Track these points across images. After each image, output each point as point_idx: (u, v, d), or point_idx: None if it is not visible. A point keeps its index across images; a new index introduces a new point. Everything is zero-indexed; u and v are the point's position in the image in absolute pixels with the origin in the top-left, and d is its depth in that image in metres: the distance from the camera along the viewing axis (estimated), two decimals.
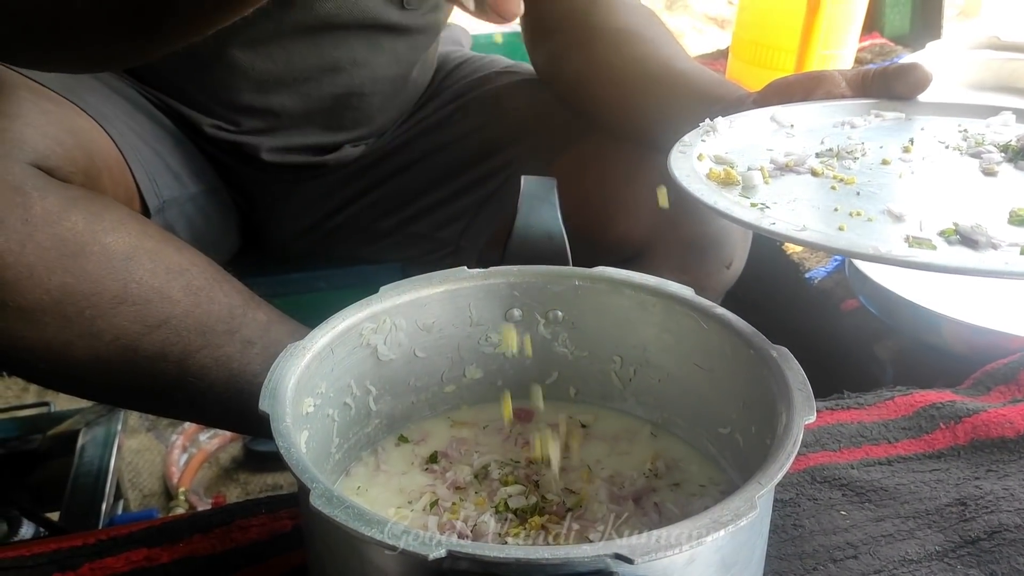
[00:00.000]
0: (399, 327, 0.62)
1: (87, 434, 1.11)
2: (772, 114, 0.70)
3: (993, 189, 0.59)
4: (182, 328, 0.69)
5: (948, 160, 0.63)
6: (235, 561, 0.64)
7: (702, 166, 0.62)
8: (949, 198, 0.58)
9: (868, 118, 0.70)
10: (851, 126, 0.69)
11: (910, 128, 0.69)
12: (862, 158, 0.64)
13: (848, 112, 0.71)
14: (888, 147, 0.65)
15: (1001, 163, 0.62)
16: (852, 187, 0.59)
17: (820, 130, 0.69)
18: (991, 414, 0.76)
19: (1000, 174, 0.61)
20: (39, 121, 0.67)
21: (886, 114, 0.70)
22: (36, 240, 0.63)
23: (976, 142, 0.65)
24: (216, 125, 0.91)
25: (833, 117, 0.70)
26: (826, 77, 0.72)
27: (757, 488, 0.45)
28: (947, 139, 0.67)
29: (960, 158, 0.64)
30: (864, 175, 0.61)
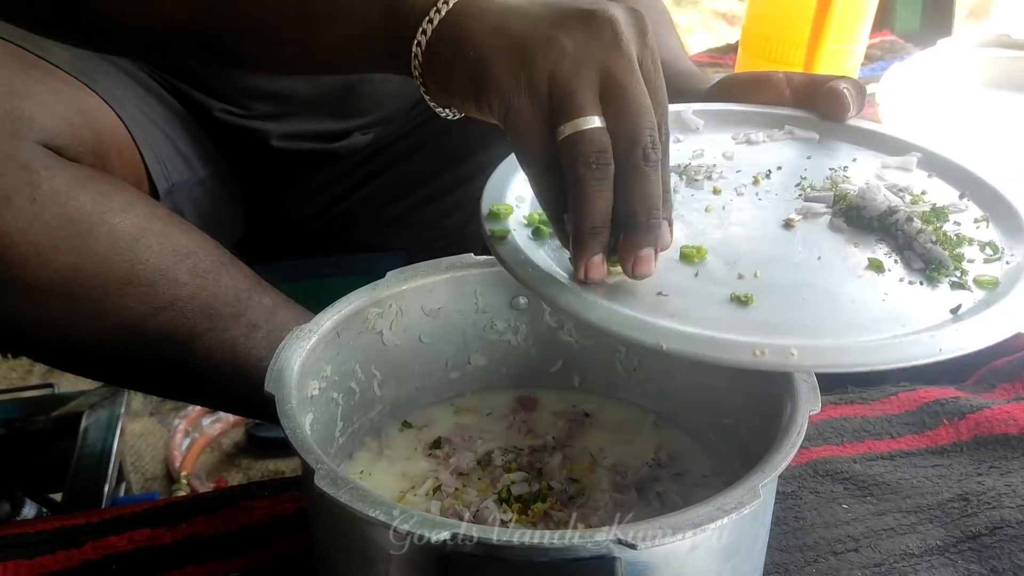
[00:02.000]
0: (405, 312, 0.62)
1: (90, 416, 1.11)
2: (680, 112, 0.66)
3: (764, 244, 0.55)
4: (188, 310, 0.69)
5: (776, 201, 0.59)
6: (238, 543, 0.64)
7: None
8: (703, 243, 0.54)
9: (775, 132, 0.67)
10: (747, 141, 0.66)
11: (798, 153, 0.65)
12: (705, 181, 0.60)
13: (762, 123, 0.67)
14: (744, 173, 0.62)
15: (820, 215, 0.58)
16: None
17: (715, 139, 0.66)
18: (995, 411, 0.76)
19: (797, 228, 0.57)
20: (49, 100, 0.67)
21: (798, 131, 0.67)
22: (44, 219, 0.63)
23: (833, 184, 0.61)
24: (226, 109, 0.91)
25: (742, 126, 0.67)
26: (771, 82, 0.70)
27: (761, 477, 0.45)
28: (812, 175, 0.62)
29: (791, 201, 0.59)
30: (678, 200, 0.58)
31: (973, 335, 0.48)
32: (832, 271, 0.53)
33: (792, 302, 0.50)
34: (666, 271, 0.51)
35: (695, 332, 0.46)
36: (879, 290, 0.51)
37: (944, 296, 0.51)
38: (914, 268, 0.53)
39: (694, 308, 0.48)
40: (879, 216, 0.56)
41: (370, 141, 0.99)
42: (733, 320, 0.48)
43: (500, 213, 0.54)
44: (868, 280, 0.52)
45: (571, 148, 0.47)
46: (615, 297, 0.48)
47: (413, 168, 1.00)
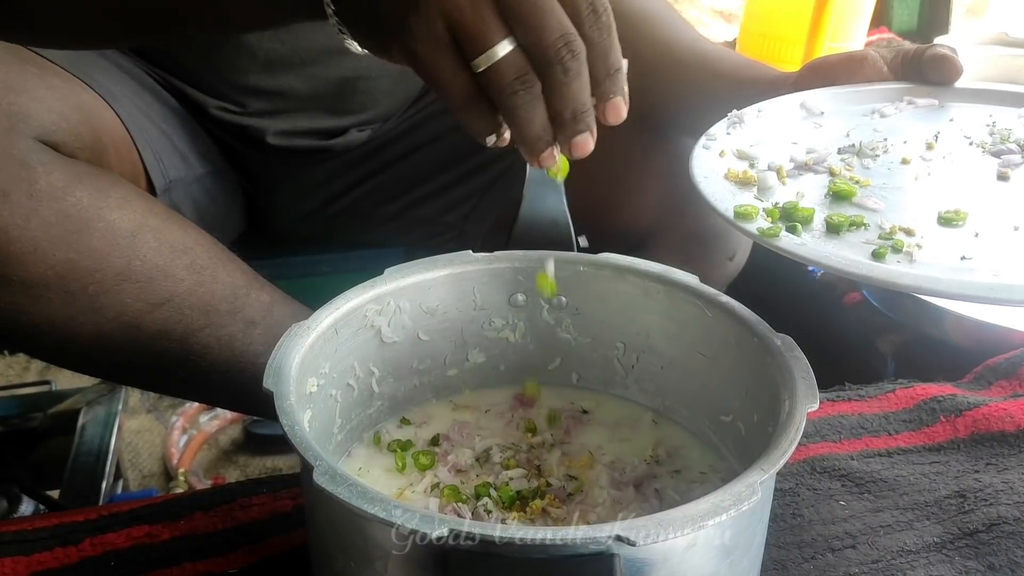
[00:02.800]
0: (403, 309, 0.62)
1: (88, 413, 1.11)
2: (803, 100, 0.69)
3: (1001, 196, 0.59)
4: (185, 307, 0.69)
5: (968, 160, 0.63)
6: (236, 539, 0.64)
7: (723, 163, 0.62)
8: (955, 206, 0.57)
9: (900, 104, 0.70)
10: (880, 115, 0.69)
11: (939, 118, 0.69)
12: (883, 155, 0.63)
13: (881, 98, 0.70)
14: (912, 142, 0.65)
15: (1020, 165, 0.62)
16: (867, 190, 0.59)
17: (849, 118, 0.69)
18: (992, 408, 0.76)
19: (1013, 179, 0.61)
20: (46, 96, 0.67)
21: (918, 100, 0.70)
22: (41, 215, 0.63)
23: (1001, 138, 0.65)
24: (222, 107, 0.90)
25: (864, 103, 0.70)
26: (868, 60, 0.72)
27: (760, 474, 0.45)
28: (973, 133, 0.66)
29: (981, 157, 0.63)
30: (881, 175, 0.61)
31: None
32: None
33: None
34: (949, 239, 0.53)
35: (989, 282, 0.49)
36: None
37: None
38: None
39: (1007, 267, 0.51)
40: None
41: (367, 138, 0.99)
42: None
43: (747, 213, 0.56)
44: None
45: (491, 81, 0.48)
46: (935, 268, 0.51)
47: (411, 165, 1.00)
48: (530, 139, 0.50)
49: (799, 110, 0.69)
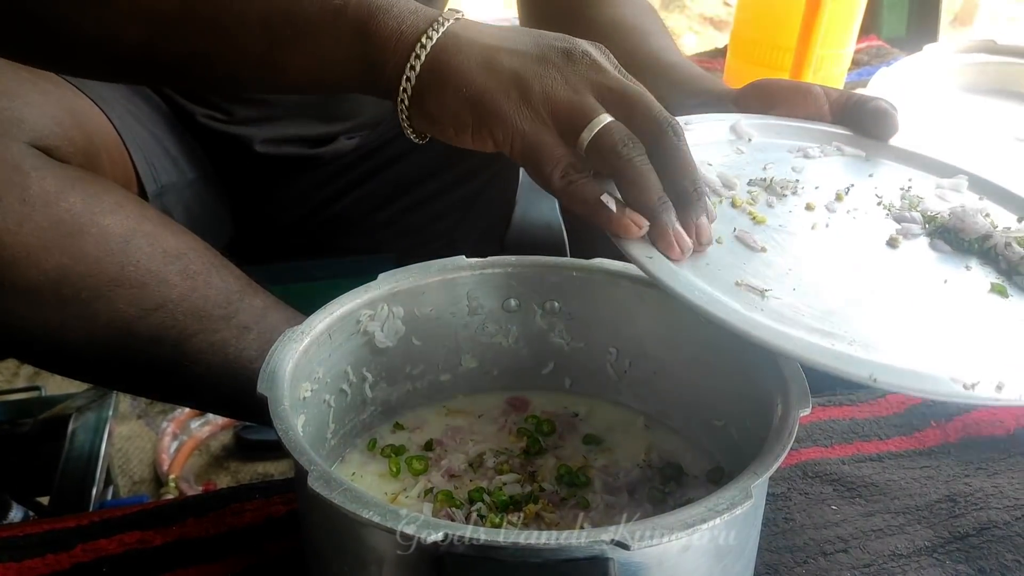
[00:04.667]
0: (396, 315, 0.62)
1: (78, 419, 1.10)
2: (734, 123, 0.68)
3: (879, 264, 0.57)
4: (178, 312, 0.69)
5: (869, 219, 0.61)
6: (229, 545, 0.64)
7: None
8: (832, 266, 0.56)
9: (827, 148, 0.68)
10: (805, 155, 0.67)
11: (861, 171, 0.67)
12: (791, 196, 0.62)
13: (811, 137, 0.69)
14: (824, 189, 0.63)
15: (918, 236, 0.60)
16: (760, 227, 0.58)
17: (774, 151, 0.67)
18: (982, 413, 0.76)
19: (902, 248, 0.59)
20: (38, 101, 0.67)
21: (847, 149, 0.69)
22: (34, 220, 0.63)
23: (910, 204, 0.63)
24: (208, 115, 0.90)
25: (794, 139, 0.69)
26: (812, 95, 0.71)
27: (753, 478, 0.45)
28: (886, 194, 0.64)
29: (883, 219, 0.62)
30: (779, 216, 0.59)
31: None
32: (964, 296, 0.55)
33: (951, 330, 0.52)
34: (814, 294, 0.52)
35: (902, 366, 0.48)
36: (1016, 316, 0.54)
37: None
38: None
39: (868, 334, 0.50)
40: (978, 240, 0.59)
41: (356, 146, 0.99)
42: (917, 347, 0.50)
43: None
44: (996, 305, 0.55)
45: (600, 144, 0.51)
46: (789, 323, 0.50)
47: (400, 173, 1.00)
48: (653, 200, 0.51)
49: (727, 132, 0.68)
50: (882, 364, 0.48)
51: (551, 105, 0.52)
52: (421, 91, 0.54)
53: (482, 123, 0.53)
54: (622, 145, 0.51)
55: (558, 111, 0.52)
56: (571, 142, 0.52)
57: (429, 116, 0.55)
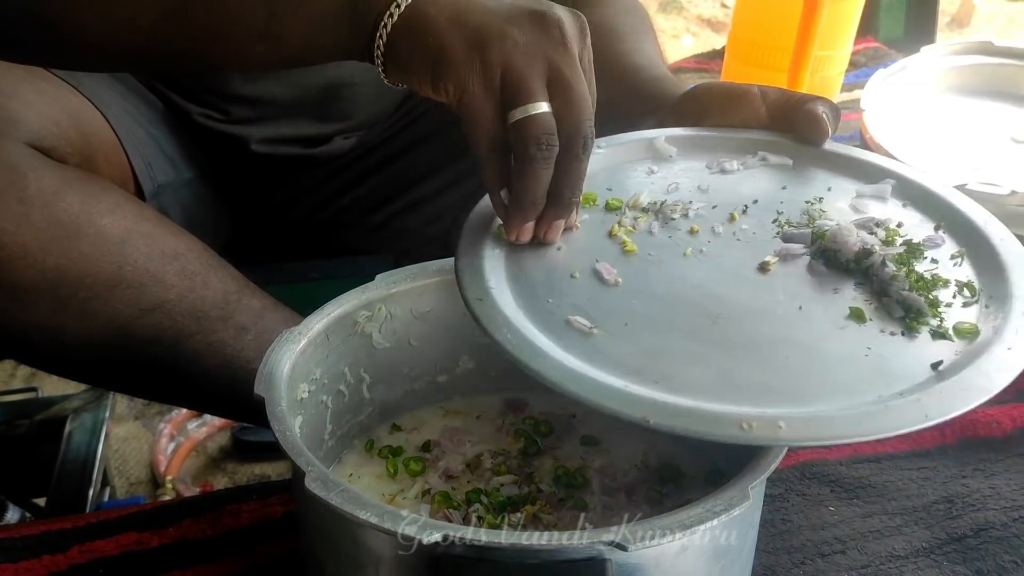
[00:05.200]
0: (394, 315, 0.62)
1: (75, 420, 1.10)
2: (653, 140, 0.66)
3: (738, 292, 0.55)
4: (176, 313, 0.69)
5: (752, 241, 0.59)
6: (225, 546, 0.64)
7: None
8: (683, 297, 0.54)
9: (749, 160, 0.66)
10: (722, 171, 0.65)
11: (774, 183, 0.64)
12: (681, 219, 0.60)
13: (735, 148, 0.66)
14: (720, 209, 0.61)
15: (799, 256, 0.57)
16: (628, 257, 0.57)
17: (688, 169, 0.65)
18: (979, 414, 0.76)
19: (772, 272, 0.56)
20: (35, 101, 0.66)
21: (771, 158, 0.66)
22: (31, 220, 0.62)
23: (811, 219, 0.60)
24: (204, 114, 0.90)
25: (715, 152, 0.66)
26: (747, 99, 0.68)
27: (750, 479, 0.45)
28: (789, 209, 0.61)
29: (769, 240, 0.59)
30: (652, 246, 0.58)
31: (957, 398, 0.47)
32: (814, 323, 0.53)
33: (776, 361, 0.50)
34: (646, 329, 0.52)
35: (680, 403, 0.46)
36: (862, 344, 0.51)
37: (925, 347, 0.51)
38: (894, 316, 0.53)
39: (679, 371, 0.49)
40: (855, 258, 0.56)
41: (353, 146, 0.98)
42: (719, 384, 0.48)
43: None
44: (850, 332, 0.52)
45: (522, 130, 0.52)
46: (595, 361, 0.49)
47: (396, 174, 1.00)
48: (528, 200, 0.53)
49: (645, 151, 0.66)
50: (663, 403, 0.46)
51: (503, 70, 0.52)
52: (394, 39, 0.55)
53: (438, 75, 0.54)
54: (536, 144, 0.52)
55: (506, 79, 0.52)
56: (507, 111, 0.53)
57: (398, 63, 0.56)
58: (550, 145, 0.52)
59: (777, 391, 0.48)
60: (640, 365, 0.49)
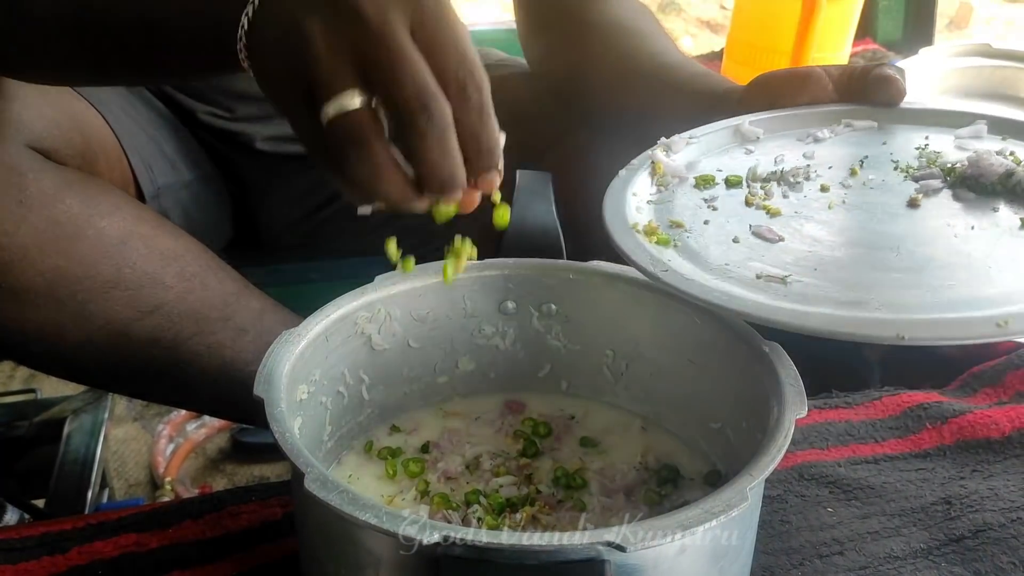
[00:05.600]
0: (393, 317, 0.62)
1: (74, 422, 1.10)
2: (737, 126, 0.69)
3: (902, 226, 0.57)
4: (175, 314, 0.69)
5: (887, 186, 0.62)
6: (225, 548, 0.64)
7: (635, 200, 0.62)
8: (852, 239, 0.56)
9: (837, 128, 0.69)
10: (815, 139, 0.68)
11: (874, 141, 0.67)
12: (804, 183, 0.63)
13: (818, 121, 0.69)
14: (837, 167, 0.64)
15: (940, 190, 0.60)
16: (776, 218, 0.59)
17: (782, 143, 0.68)
18: (977, 415, 0.77)
19: (923, 206, 0.59)
20: (36, 103, 0.67)
21: (856, 123, 0.69)
22: (30, 222, 0.63)
23: (929, 161, 0.63)
24: (211, 112, 0.91)
25: (801, 127, 0.69)
26: (813, 78, 0.71)
27: (749, 480, 0.45)
28: (902, 157, 0.65)
29: (901, 183, 0.62)
30: (795, 204, 0.60)
31: None
32: (992, 237, 0.55)
33: (979, 272, 0.52)
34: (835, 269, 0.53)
35: (923, 317, 0.48)
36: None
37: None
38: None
39: (893, 296, 0.50)
40: (1000, 179, 0.58)
41: None
42: (938, 299, 0.49)
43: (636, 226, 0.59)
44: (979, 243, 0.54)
45: (331, 135, 0.45)
46: (813, 302, 0.50)
47: None
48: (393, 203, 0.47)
49: (732, 136, 0.69)
50: (910, 320, 0.48)
51: (305, 69, 0.45)
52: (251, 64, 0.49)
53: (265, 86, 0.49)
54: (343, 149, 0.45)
55: (311, 77, 0.45)
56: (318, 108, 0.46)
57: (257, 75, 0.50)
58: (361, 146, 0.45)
59: (992, 298, 0.49)
60: (855, 298, 0.50)
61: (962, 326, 0.47)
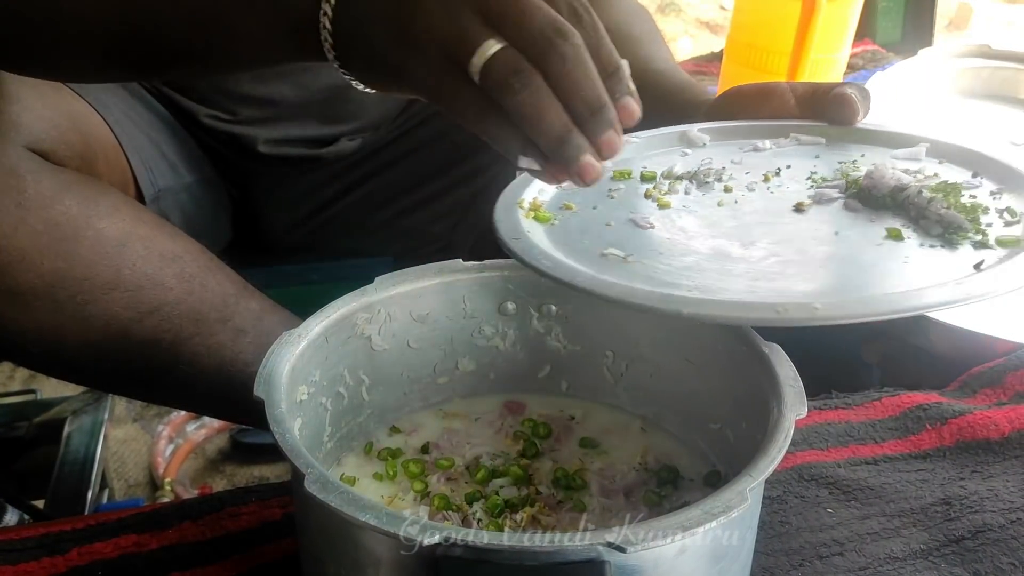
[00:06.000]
0: (393, 318, 0.63)
1: (73, 422, 1.10)
2: (685, 131, 0.69)
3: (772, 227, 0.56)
4: (174, 315, 0.69)
5: (787, 193, 0.61)
6: (225, 549, 0.64)
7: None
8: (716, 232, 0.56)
9: (781, 141, 0.68)
10: (754, 149, 0.67)
11: (807, 154, 0.66)
12: (715, 183, 0.62)
13: (767, 133, 0.69)
14: (753, 173, 0.63)
15: (834, 200, 0.59)
16: (663, 210, 0.59)
17: (722, 150, 0.67)
18: (976, 416, 0.77)
19: (809, 212, 0.58)
20: (35, 104, 0.67)
21: (803, 137, 0.68)
22: (29, 224, 0.63)
23: (843, 174, 0.62)
24: (213, 115, 0.91)
25: (748, 138, 0.68)
26: (776, 93, 0.70)
27: (749, 480, 0.45)
28: (821, 170, 0.63)
29: (804, 191, 0.61)
30: (686, 200, 0.60)
31: (999, 280, 0.47)
32: (850, 242, 0.54)
33: (814, 270, 0.51)
34: (680, 255, 0.53)
35: (713, 298, 0.48)
36: (899, 255, 0.52)
37: (966, 256, 0.51)
38: (932, 235, 0.54)
39: (713, 282, 0.50)
40: (891, 193, 0.57)
41: (357, 147, 0.99)
42: (753, 290, 0.49)
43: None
44: (888, 247, 0.53)
45: (487, 80, 0.46)
46: (633, 278, 0.50)
47: (399, 175, 1.01)
48: (552, 138, 0.46)
49: (677, 140, 0.69)
50: (696, 299, 0.47)
51: (437, 41, 0.46)
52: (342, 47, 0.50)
53: (391, 79, 0.50)
54: (507, 83, 0.45)
55: (444, 45, 0.46)
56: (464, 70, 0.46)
57: (357, 71, 0.52)
58: (523, 79, 0.45)
59: (810, 294, 0.48)
60: (674, 279, 0.50)
61: (741, 308, 0.47)
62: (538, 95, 0.45)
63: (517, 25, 0.46)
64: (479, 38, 0.46)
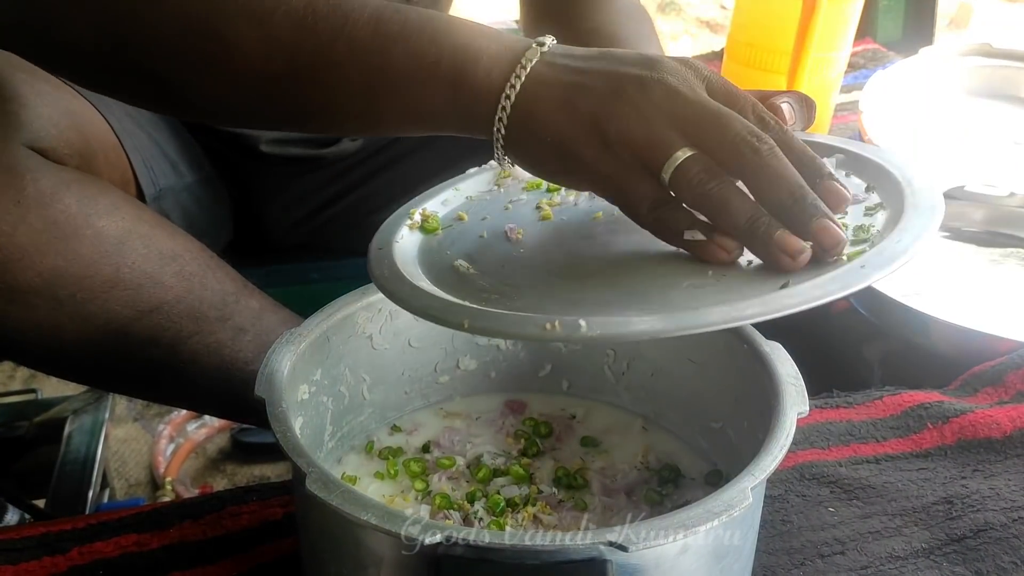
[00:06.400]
0: (394, 317, 0.63)
1: (74, 422, 1.10)
2: None
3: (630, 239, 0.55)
4: (174, 314, 0.69)
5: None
6: (225, 548, 0.64)
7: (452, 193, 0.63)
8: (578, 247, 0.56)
9: None
10: None
11: None
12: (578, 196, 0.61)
13: None
14: None
15: None
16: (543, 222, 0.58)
17: None
18: (978, 415, 0.76)
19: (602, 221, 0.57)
20: (35, 102, 0.66)
21: None
22: (28, 222, 0.62)
23: None
24: None
25: None
26: None
27: (750, 479, 0.45)
28: None
29: None
30: (566, 214, 0.59)
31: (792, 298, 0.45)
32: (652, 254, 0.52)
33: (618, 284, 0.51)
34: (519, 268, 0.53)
35: (498, 312, 0.47)
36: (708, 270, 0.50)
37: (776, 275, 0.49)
38: None
39: (517, 294, 0.49)
40: None
41: (359, 147, 0.99)
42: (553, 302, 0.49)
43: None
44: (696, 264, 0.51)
45: (678, 182, 0.49)
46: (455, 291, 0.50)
47: (401, 175, 1.01)
48: (741, 225, 0.49)
49: None
50: (482, 312, 0.47)
51: (630, 145, 0.50)
52: (512, 140, 0.53)
53: (568, 171, 0.53)
54: (698, 180, 0.49)
55: (637, 149, 0.50)
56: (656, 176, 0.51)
57: (523, 161, 0.55)
58: (710, 173, 0.49)
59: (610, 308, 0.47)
60: (488, 291, 0.50)
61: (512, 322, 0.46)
62: (723, 187, 0.49)
63: (714, 136, 0.50)
64: (674, 145, 0.50)
